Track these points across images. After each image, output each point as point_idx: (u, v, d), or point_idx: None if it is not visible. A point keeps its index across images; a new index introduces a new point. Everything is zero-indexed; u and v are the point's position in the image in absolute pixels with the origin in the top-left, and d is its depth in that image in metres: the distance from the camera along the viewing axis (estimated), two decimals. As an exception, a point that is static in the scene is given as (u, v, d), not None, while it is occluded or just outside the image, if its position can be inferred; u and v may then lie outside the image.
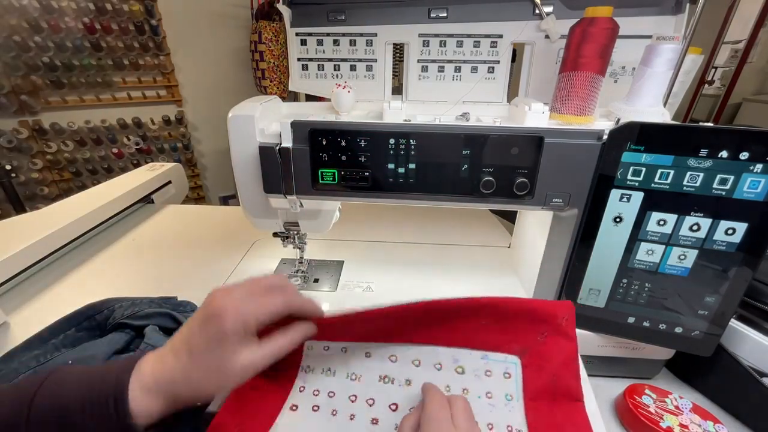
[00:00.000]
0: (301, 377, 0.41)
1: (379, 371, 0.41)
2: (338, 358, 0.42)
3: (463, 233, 0.79)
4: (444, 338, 0.41)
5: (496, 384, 0.39)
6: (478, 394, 0.39)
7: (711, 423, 0.43)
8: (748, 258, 0.40)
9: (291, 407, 0.39)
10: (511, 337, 0.40)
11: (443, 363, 0.41)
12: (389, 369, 0.41)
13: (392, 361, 0.41)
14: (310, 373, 0.42)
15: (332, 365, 0.42)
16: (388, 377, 0.41)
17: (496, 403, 0.38)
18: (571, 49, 0.44)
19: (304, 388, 0.41)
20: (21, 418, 0.28)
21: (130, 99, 1.98)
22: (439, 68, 0.57)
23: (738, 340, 0.49)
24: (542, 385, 0.39)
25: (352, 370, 0.41)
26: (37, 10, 1.64)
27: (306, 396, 0.40)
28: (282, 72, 1.95)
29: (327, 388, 0.40)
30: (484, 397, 0.39)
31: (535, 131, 0.42)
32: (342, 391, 0.40)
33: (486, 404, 0.38)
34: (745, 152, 0.37)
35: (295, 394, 0.40)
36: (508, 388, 0.39)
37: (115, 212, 0.82)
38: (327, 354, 0.42)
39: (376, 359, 0.42)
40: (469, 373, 0.40)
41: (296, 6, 0.56)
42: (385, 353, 0.42)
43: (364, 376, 0.41)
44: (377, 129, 0.44)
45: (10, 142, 1.78)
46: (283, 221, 0.58)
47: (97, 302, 0.49)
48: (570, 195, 0.44)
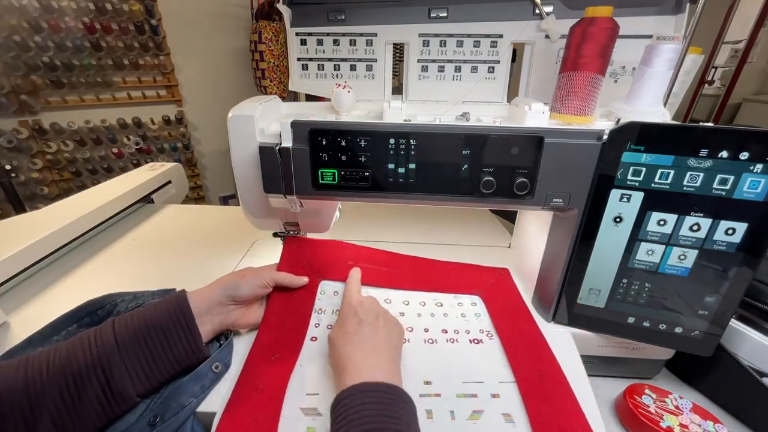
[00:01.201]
0: (314, 317, 0.52)
1: None
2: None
3: (463, 233, 0.79)
4: (422, 286, 0.58)
5: (467, 309, 0.55)
6: (456, 315, 0.54)
7: (711, 423, 0.43)
8: (748, 258, 0.40)
9: (311, 338, 0.49)
10: (472, 285, 0.59)
11: (426, 301, 0.56)
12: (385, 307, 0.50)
13: (387, 303, 0.55)
14: (323, 314, 0.52)
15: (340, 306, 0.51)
16: None
17: (469, 319, 0.53)
18: (571, 49, 0.44)
19: (319, 324, 0.51)
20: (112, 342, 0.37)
21: (130, 99, 1.98)
22: (439, 68, 0.57)
23: (738, 340, 0.49)
24: (498, 307, 0.55)
25: None
26: (37, 10, 1.64)
27: (321, 330, 0.50)
28: (282, 72, 1.95)
29: None
30: (460, 317, 0.53)
31: (535, 131, 0.42)
32: None
33: (462, 320, 0.53)
34: (745, 152, 0.37)
35: (312, 329, 0.50)
36: (476, 310, 0.55)
37: (115, 212, 0.82)
38: (336, 297, 0.55)
39: None
40: (446, 305, 0.56)
41: (296, 6, 0.56)
42: (381, 296, 0.56)
43: None
44: (377, 129, 0.44)
45: (10, 142, 1.78)
46: (283, 221, 0.58)
47: (98, 297, 0.50)
48: (570, 195, 0.44)
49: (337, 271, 0.58)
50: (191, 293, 0.44)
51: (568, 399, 0.41)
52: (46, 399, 0.33)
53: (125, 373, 0.37)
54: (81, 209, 0.74)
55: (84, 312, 0.48)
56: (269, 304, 0.51)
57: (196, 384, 0.40)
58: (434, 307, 0.55)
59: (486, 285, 0.59)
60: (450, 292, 0.58)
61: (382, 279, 0.58)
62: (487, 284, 0.59)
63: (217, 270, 0.65)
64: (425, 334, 0.50)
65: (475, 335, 0.50)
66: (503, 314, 0.53)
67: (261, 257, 0.69)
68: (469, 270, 0.62)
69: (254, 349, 0.46)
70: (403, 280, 0.59)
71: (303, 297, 0.53)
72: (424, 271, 0.61)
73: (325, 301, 0.55)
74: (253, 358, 0.45)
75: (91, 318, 0.48)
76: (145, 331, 0.39)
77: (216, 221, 0.87)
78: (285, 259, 0.56)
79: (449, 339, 0.49)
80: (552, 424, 0.38)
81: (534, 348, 0.47)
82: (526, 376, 0.43)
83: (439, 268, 0.61)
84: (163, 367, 0.39)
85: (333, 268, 0.58)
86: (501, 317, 0.52)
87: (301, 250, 0.58)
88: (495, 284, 0.59)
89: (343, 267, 0.58)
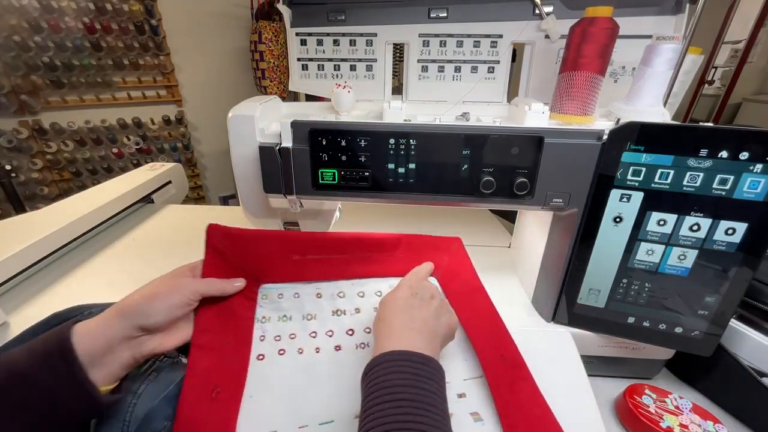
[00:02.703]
0: (258, 328, 0.44)
1: (331, 307, 0.47)
2: (292, 304, 0.47)
3: (463, 233, 0.78)
4: (377, 271, 0.52)
5: None
6: None
7: (711, 423, 0.43)
8: (748, 258, 0.40)
9: (258, 357, 0.41)
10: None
11: (381, 290, 0.50)
12: (339, 304, 0.47)
13: (341, 297, 0.49)
14: (267, 323, 0.45)
15: (287, 311, 0.46)
16: (340, 310, 0.47)
17: None
18: (571, 49, 0.44)
19: (265, 337, 0.43)
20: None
21: (130, 99, 1.98)
22: (439, 68, 0.57)
23: (738, 340, 0.49)
24: (455, 288, 0.51)
25: (307, 311, 0.46)
26: (37, 10, 1.64)
27: (269, 343, 0.43)
28: (282, 72, 1.95)
29: (287, 332, 0.44)
30: None
31: (535, 131, 0.42)
32: (302, 331, 0.44)
33: None
34: (745, 152, 0.37)
35: (258, 345, 0.42)
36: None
37: (115, 212, 0.82)
38: (281, 301, 0.47)
39: (326, 298, 0.48)
40: None
41: (296, 6, 0.56)
42: (334, 291, 0.49)
43: (318, 314, 0.46)
44: (377, 129, 0.44)
45: (10, 142, 1.78)
46: (283, 221, 0.58)
47: (63, 310, 0.44)
48: (570, 195, 0.44)
49: (281, 271, 0.48)
50: (79, 328, 0.33)
51: (528, 384, 0.41)
52: None
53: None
54: (81, 209, 0.74)
55: (48, 326, 0.42)
56: (197, 321, 0.40)
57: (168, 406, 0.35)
58: None
59: (442, 263, 0.53)
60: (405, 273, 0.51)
61: (334, 269, 0.50)
62: (441, 259, 0.53)
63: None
64: None
65: None
66: (460, 295, 0.50)
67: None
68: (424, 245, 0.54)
69: (186, 387, 0.36)
70: (357, 267, 0.51)
71: (241, 305, 0.44)
72: (377, 250, 0.53)
73: (269, 307, 0.45)
74: (186, 403, 0.35)
75: None
76: (13, 385, 0.29)
77: (216, 221, 0.87)
78: (210, 261, 0.44)
79: None
80: (518, 414, 0.37)
81: (493, 330, 0.46)
82: (490, 363, 0.42)
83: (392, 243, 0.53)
84: (49, 428, 0.31)
85: (275, 268, 0.48)
86: (460, 301, 0.49)
87: (231, 246, 0.46)
88: (450, 261, 0.54)
89: (287, 264, 0.48)
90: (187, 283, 0.40)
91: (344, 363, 0.42)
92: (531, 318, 0.54)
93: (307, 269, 0.49)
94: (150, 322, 0.37)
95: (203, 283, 0.41)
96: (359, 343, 0.44)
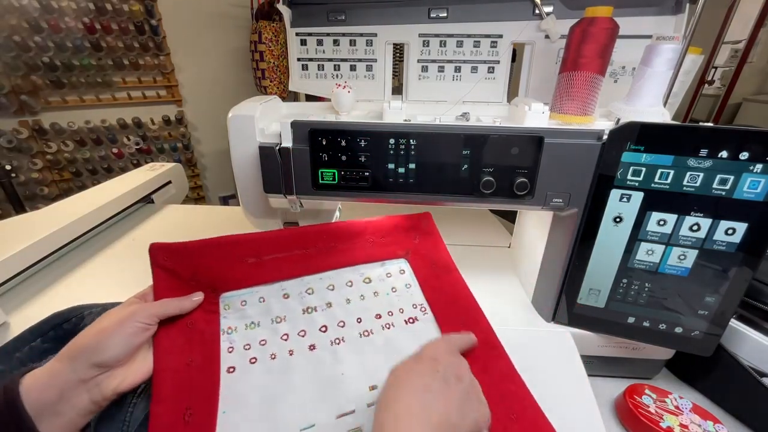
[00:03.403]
0: (225, 339, 0.41)
1: (300, 306, 0.45)
2: (258, 309, 0.44)
3: (463, 233, 0.79)
4: (345, 260, 0.49)
5: (396, 281, 0.49)
6: (386, 291, 0.48)
7: (711, 423, 0.43)
8: (748, 258, 0.40)
9: (228, 370, 0.39)
10: (395, 246, 0.51)
11: (353, 279, 0.48)
12: (309, 301, 0.45)
13: (309, 294, 0.46)
14: (234, 333, 0.42)
15: (254, 318, 0.43)
16: (310, 308, 0.45)
17: (400, 294, 0.48)
18: (571, 49, 0.44)
19: (233, 348, 0.41)
20: None
21: (130, 99, 1.98)
22: (439, 68, 0.57)
23: (738, 340, 0.49)
24: (427, 271, 0.49)
25: (275, 314, 0.44)
26: (37, 10, 1.64)
27: (238, 354, 0.40)
28: (282, 72, 1.95)
29: (256, 339, 0.41)
30: (391, 293, 0.48)
31: (535, 131, 0.42)
32: (272, 335, 0.42)
33: (394, 297, 0.47)
34: (745, 152, 0.37)
35: (226, 357, 0.40)
36: (405, 280, 0.49)
37: (115, 212, 0.82)
38: (245, 309, 0.44)
39: (294, 298, 0.45)
40: (375, 280, 0.49)
41: (296, 6, 0.56)
42: (301, 288, 0.46)
43: (288, 315, 0.44)
44: (377, 129, 0.44)
45: (10, 142, 1.78)
46: (283, 221, 0.58)
47: (64, 310, 0.44)
48: (570, 195, 0.44)
49: (239, 276, 0.45)
50: (28, 379, 0.31)
51: (503, 362, 0.40)
52: None
53: None
54: (81, 209, 0.74)
55: (48, 326, 0.42)
56: (157, 344, 0.37)
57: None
58: (363, 286, 0.48)
59: (411, 243, 0.52)
60: (375, 258, 0.50)
61: (298, 266, 0.47)
62: (411, 240, 0.52)
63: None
64: (359, 326, 0.43)
65: (409, 313, 0.46)
66: (432, 278, 0.49)
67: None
68: (392, 225, 0.53)
69: (155, 415, 0.33)
70: (323, 260, 0.48)
71: (202, 320, 0.41)
72: (342, 239, 0.50)
73: (233, 316, 0.43)
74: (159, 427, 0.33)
75: (56, 332, 0.43)
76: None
77: (216, 221, 0.87)
78: (160, 281, 0.41)
79: (385, 325, 0.44)
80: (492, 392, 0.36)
81: (467, 313, 0.45)
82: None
83: (356, 229, 0.51)
84: None
85: (232, 274, 0.44)
86: (431, 283, 0.48)
87: (179, 261, 0.43)
88: (420, 241, 0.52)
89: (244, 268, 0.45)
90: (140, 308, 0.37)
91: (320, 362, 0.40)
92: (531, 318, 0.54)
93: (265, 270, 0.46)
94: (105, 358, 0.33)
95: (158, 305, 0.38)
96: (333, 339, 0.42)
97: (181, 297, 0.41)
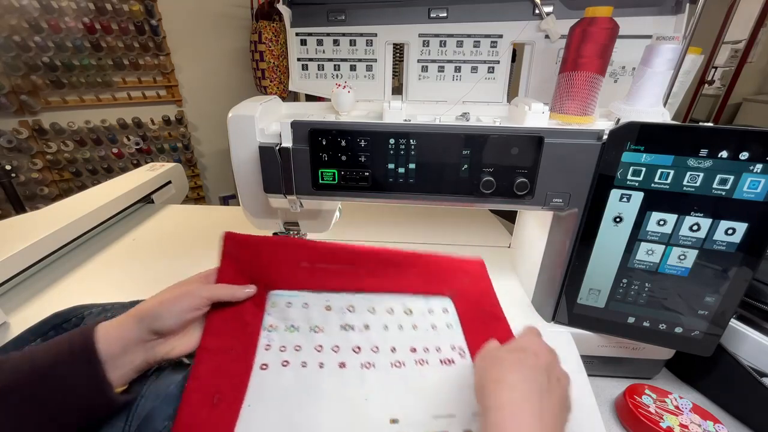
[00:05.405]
0: (264, 337, 0.43)
1: (340, 321, 0.45)
2: (300, 314, 0.45)
3: (463, 233, 0.79)
4: (390, 286, 0.48)
5: (437, 319, 0.47)
6: (426, 327, 0.46)
7: (711, 423, 0.43)
8: (748, 258, 0.40)
9: (261, 366, 0.40)
10: (443, 285, 0.50)
11: (394, 308, 0.47)
12: (348, 318, 0.45)
13: (350, 311, 0.46)
14: (274, 332, 0.43)
15: (295, 321, 0.44)
16: (348, 325, 0.45)
17: (439, 333, 0.46)
18: (571, 49, 0.44)
19: (270, 346, 0.42)
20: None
21: (130, 99, 1.98)
22: (439, 68, 0.57)
23: (738, 340, 0.49)
24: (472, 315, 0.48)
25: (315, 323, 0.45)
26: (37, 10, 1.64)
27: (273, 353, 0.41)
28: (282, 72, 1.95)
29: (293, 343, 0.43)
30: (430, 329, 0.46)
31: (535, 131, 0.42)
32: (307, 343, 0.43)
33: (432, 334, 0.45)
34: (745, 152, 0.37)
35: (262, 353, 0.41)
36: (447, 319, 0.47)
37: (115, 212, 0.82)
38: (289, 310, 0.45)
39: (335, 311, 0.46)
40: (416, 313, 0.47)
41: (296, 6, 0.56)
42: (343, 303, 0.46)
43: (326, 327, 0.44)
44: (377, 129, 0.44)
45: (10, 142, 1.78)
46: (283, 221, 0.58)
47: (63, 310, 0.44)
48: (570, 195, 0.44)
49: (290, 278, 0.47)
50: (100, 329, 0.35)
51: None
52: None
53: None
54: (81, 209, 0.74)
55: (48, 326, 0.43)
56: (207, 324, 0.41)
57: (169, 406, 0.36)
58: (403, 317, 0.47)
59: (459, 283, 0.51)
60: (420, 291, 0.50)
61: (344, 281, 0.48)
62: (461, 282, 0.51)
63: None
64: (392, 356, 0.43)
65: (446, 353, 0.44)
66: (477, 323, 0.47)
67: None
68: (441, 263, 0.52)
69: (189, 390, 0.37)
70: (369, 280, 0.49)
71: (249, 312, 0.44)
72: (392, 266, 0.50)
73: (276, 315, 0.45)
74: (188, 406, 0.36)
75: (56, 332, 0.43)
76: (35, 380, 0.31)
77: (216, 221, 0.87)
78: (225, 268, 0.45)
79: (418, 360, 0.43)
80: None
81: None
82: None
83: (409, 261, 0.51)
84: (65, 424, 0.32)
85: (284, 274, 0.47)
86: (474, 328, 0.46)
87: (245, 253, 0.47)
88: (469, 283, 0.51)
89: (296, 271, 0.48)
90: (198, 288, 0.41)
91: (346, 382, 0.40)
92: (531, 318, 0.54)
93: (315, 278, 0.48)
94: (163, 326, 0.37)
95: (213, 288, 0.42)
96: (364, 362, 0.42)
97: (235, 286, 0.43)
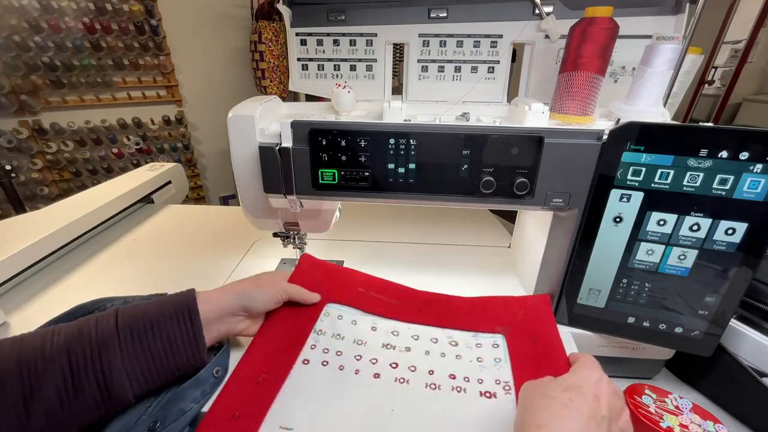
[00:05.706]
0: (312, 338, 0.47)
1: (383, 340, 0.48)
2: (348, 327, 0.50)
3: (463, 233, 0.79)
4: (438, 322, 0.50)
5: (485, 352, 0.46)
6: (470, 359, 0.45)
7: (711, 423, 0.43)
8: (748, 258, 0.40)
9: (303, 361, 0.44)
10: (494, 323, 0.50)
11: (439, 338, 0.48)
12: (391, 340, 0.48)
13: (394, 335, 0.49)
14: (322, 336, 0.48)
15: (342, 332, 0.49)
16: (390, 345, 0.47)
17: (485, 366, 0.44)
18: (571, 49, 0.44)
19: (315, 346, 0.47)
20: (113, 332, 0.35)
21: (130, 99, 1.98)
22: (439, 68, 0.57)
23: (738, 340, 0.49)
24: (526, 352, 0.45)
25: (359, 337, 0.48)
26: (37, 10, 1.64)
27: (317, 352, 0.46)
28: (282, 72, 1.95)
29: (336, 348, 0.47)
30: (475, 362, 0.45)
31: (535, 131, 0.42)
32: (349, 351, 0.46)
33: (476, 365, 0.44)
34: (745, 152, 0.37)
35: (307, 351, 0.46)
36: (497, 354, 0.46)
37: (115, 212, 0.82)
38: (339, 321, 0.50)
39: (380, 332, 0.49)
40: (461, 345, 0.47)
41: (296, 6, 0.56)
42: (388, 328, 0.50)
43: (369, 342, 0.48)
44: (377, 129, 0.44)
45: (10, 142, 1.78)
46: (283, 221, 0.58)
47: (87, 302, 0.46)
48: (570, 195, 0.44)
49: (346, 296, 0.53)
50: (201, 296, 0.41)
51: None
52: (41, 389, 0.31)
53: (123, 372, 0.35)
54: (81, 209, 0.74)
55: (71, 318, 0.44)
56: (270, 316, 0.48)
57: (196, 389, 0.39)
58: (447, 346, 0.47)
59: (514, 318, 0.49)
60: (469, 329, 0.49)
61: (392, 310, 0.52)
62: (517, 318, 0.49)
63: (218, 270, 0.65)
64: (428, 377, 0.42)
65: (488, 386, 0.42)
66: (529, 360, 0.44)
67: (261, 257, 0.69)
68: (494, 303, 0.52)
69: (242, 364, 0.42)
70: (416, 314, 0.51)
71: (306, 314, 0.50)
72: (441, 307, 0.52)
73: (327, 323, 0.50)
74: (239, 376, 0.41)
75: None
76: (149, 333, 0.37)
77: (216, 221, 0.87)
78: (298, 274, 0.53)
79: (455, 387, 0.41)
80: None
81: None
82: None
83: (459, 305, 0.52)
84: (162, 371, 0.37)
85: (342, 292, 0.54)
86: (525, 365, 0.44)
87: (314, 269, 0.55)
88: (526, 316, 0.49)
89: (353, 293, 0.54)
90: (284, 283, 0.48)
91: (376, 391, 0.41)
92: (531, 318, 0.54)
93: (367, 302, 0.53)
94: (252, 305, 0.44)
95: (293, 288, 0.49)
96: (399, 377, 0.43)
97: (306, 291, 0.50)
